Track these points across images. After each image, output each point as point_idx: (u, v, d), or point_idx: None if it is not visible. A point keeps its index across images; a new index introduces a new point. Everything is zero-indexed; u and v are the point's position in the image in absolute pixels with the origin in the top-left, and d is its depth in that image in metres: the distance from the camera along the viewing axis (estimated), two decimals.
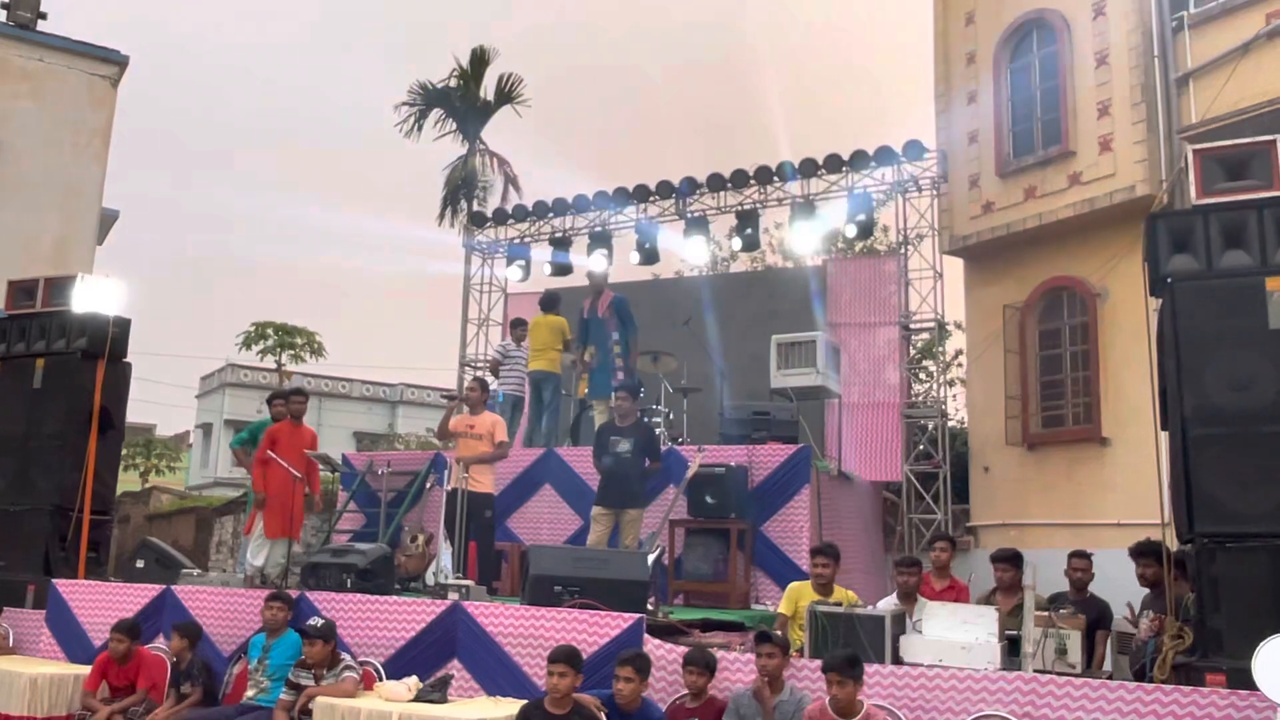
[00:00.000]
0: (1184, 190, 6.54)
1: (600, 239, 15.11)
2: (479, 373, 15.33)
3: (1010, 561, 7.20)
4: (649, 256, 14.81)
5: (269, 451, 9.10)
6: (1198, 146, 6.47)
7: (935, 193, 13.24)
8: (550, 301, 12.09)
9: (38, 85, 16.61)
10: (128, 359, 9.65)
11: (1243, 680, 5.17)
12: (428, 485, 11.14)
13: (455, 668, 6.74)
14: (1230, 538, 5.73)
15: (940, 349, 14.85)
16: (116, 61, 17.27)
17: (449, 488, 8.86)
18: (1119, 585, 7.34)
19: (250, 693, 6.92)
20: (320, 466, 9.87)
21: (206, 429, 42.26)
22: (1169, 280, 6.19)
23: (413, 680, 6.30)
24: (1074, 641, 5.96)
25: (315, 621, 6.62)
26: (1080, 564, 7.39)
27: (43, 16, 17.17)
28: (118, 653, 7.26)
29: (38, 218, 16.22)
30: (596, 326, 11.13)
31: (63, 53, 16.88)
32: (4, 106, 16.27)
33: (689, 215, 14.56)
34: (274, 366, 34.78)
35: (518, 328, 12.43)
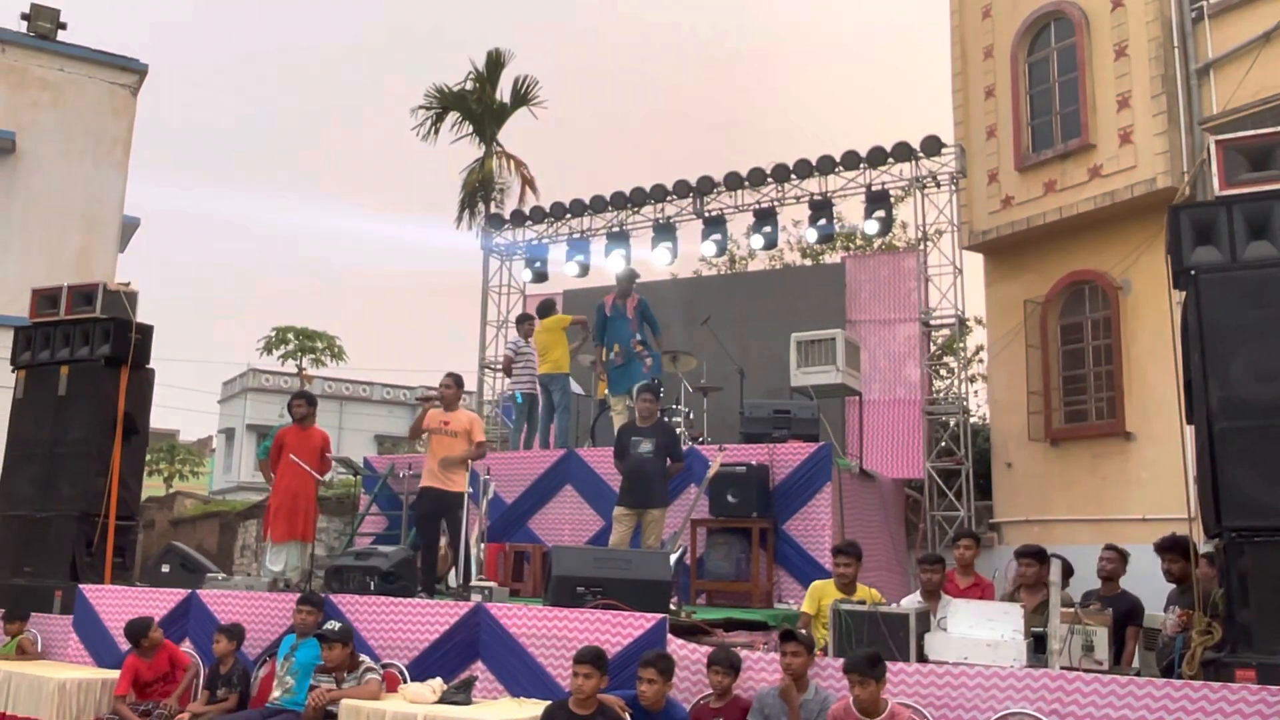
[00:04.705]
0: (1206, 181, 6.48)
1: (618, 239, 15.15)
2: (455, 371, 15.34)
3: (1035, 557, 7.16)
4: (667, 256, 14.85)
5: (291, 455, 9.09)
6: (1220, 137, 6.41)
7: (954, 188, 13.18)
8: (546, 308, 12.28)
9: (58, 95, 16.76)
10: (151, 365, 9.73)
11: (1273, 676, 5.14)
12: None
13: (479, 669, 6.75)
14: (1258, 531, 5.67)
15: (961, 345, 14.77)
16: (136, 70, 17.39)
17: (423, 485, 8.61)
18: (1145, 580, 7.28)
19: (276, 693, 6.94)
20: (340, 468, 9.85)
21: (229, 434, 42.61)
22: (1193, 272, 6.14)
23: (437, 682, 6.32)
24: (1101, 638, 5.92)
25: (332, 625, 6.63)
26: (1108, 555, 7.39)
27: (63, 26, 17.30)
28: (155, 640, 7.36)
29: (60, 226, 16.37)
30: (620, 325, 11.15)
31: (83, 62, 17.01)
32: (26, 116, 16.42)
33: (706, 214, 14.57)
34: (295, 371, 34.97)
35: (524, 322, 12.55)
